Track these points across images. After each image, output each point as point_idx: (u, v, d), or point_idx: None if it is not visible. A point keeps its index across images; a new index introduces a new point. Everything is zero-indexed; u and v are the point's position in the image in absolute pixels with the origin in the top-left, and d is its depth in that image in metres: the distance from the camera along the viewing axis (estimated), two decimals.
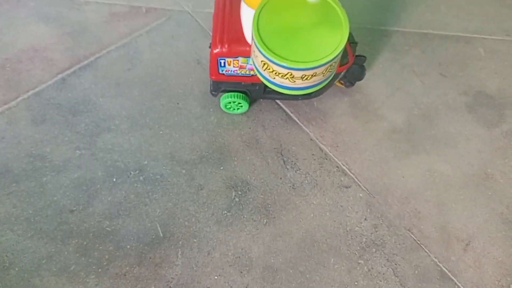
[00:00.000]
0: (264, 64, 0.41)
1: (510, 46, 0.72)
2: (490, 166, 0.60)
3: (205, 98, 0.63)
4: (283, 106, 0.63)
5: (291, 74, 0.41)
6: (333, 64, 0.42)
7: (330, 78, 0.45)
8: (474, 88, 0.67)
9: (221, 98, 0.60)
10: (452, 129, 0.63)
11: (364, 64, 0.62)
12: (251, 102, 0.61)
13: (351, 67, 0.59)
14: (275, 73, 0.42)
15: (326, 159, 0.59)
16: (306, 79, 0.42)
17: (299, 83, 0.43)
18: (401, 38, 0.71)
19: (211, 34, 0.65)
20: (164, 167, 0.57)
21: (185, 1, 0.72)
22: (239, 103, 0.60)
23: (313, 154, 0.60)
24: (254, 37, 0.41)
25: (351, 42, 0.58)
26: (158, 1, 0.72)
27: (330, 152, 0.60)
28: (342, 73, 0.59)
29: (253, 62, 0.45)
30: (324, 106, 0.63)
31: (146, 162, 0.58)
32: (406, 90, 0.66)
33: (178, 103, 0.63)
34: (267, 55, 0.40)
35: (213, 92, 0.60)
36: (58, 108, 0.61)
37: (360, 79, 0.63)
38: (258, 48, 0.40)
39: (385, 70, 0.67)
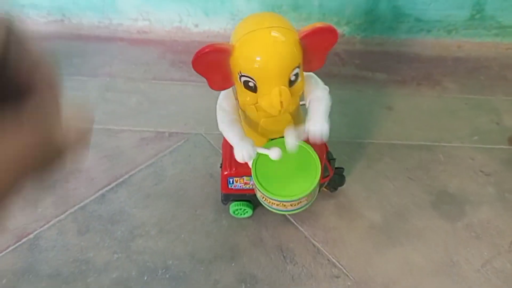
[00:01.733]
0: (263, 197, 0.57)
1: (465, 151, 0.87)
2: (455, 254, 0.71)
3: (218, 206, 0.76)
4: None
5: (283, 204, 0.56)
6: (313, 193, 0.57)
7: (313, 199, 0.60)
8: (437, 188, 0.81)
9: (230, 206, 0.73)
10: (421, 224, 0.75)
11: (344, 174, 0.78)
12: (254, 208, 0.75)
13: (333, 177, 0.75)
14: (271, 203, 0.57)
15: (319, 253, 0.72)
16: (295, 205, 0.57)
17: (289, 208, 0.58)
18: (373, 149, 0.87)
19: (221, 152, 0.82)
20: (186, 266, 0.69)
21: (199, 126, 0.90)
22: (245, 209, 0.74)
23: (307, 249, 0.72)
24: (253, 180, 0.56)
25: (330, 158, 0.74)
26: (178, 127, 0.90)
27: (321, 247, 0.72)
28: (326, 182, 0.74)
29: (256, 195, 0.61)
30: (315, 208, 0.77)
31: (171, 262, 0.70)
32: (381, 192, 0.80)
33: (196, 211, 0.77)
34: (264, 193, 0.55)
35: (224, 202, 0.75)
36: (99, 219, 0.75)
37: (341, 185, 0.78)
38: (257, 188, 0.56)
39: (362, 176, 0.82)
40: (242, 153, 0.53)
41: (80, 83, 0.99)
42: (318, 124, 0.54)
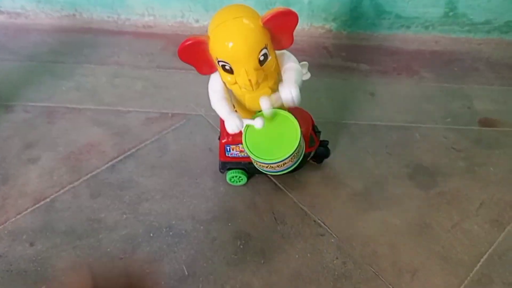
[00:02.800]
0: (255, 161, 0.67)
1: (439, 131, 0.96)
2: (427, 217, 0.80)
3: (216, 175, 0.85)
4: (273, 179, 0.85)
5: (270, 165, 0.66)
6: (295, 154, 0.66)
7: (299, 161, 0.69)
8: (413, 162, 0.90)
9: (227, 174, 0.82)
10: (398, 191, 0.84)
11: (328, 146, 0.87)
12: (249, 177, 0.83)
13: (319, 148, 0.83)
14: (262, 166, 0.67)
15: (306, 215, 0.80)
16: (281, 166, 0.66)
17: (277, 169, 0.67)
18: (357, 129, 0.96)
19: (219, 130, 0.91)
20: (187, 225, 0.77)
21: (199, 108, 0.99)
22: (240, 177, 0.82)
23: (296, 212, 0.80)
24: (244, 147, 0.66)
25: (316, 131, 0.83)
26: (180, 108, 0.99)
27: (308, 211, 0.81)
28: (312, 153, 0.83)
29: (252, 161, 0.70)
30: (303, 177, 0.85)
31: (174, 222, 0.78)
32: (362, 165, 0.88)
33: (196, 179, 0.85)
34: (254, 158, 0.65)
35: (221, 170, 0.83)
36: (109, 186, 0.83)
37: (326, 157, 0.86)
38: (248, 153, 0.65)
39: (346, 151, 0.91)
40: (232, 125, 0.63)
41: (90, 70, 1.08)
42: (287, 89, 0.62)
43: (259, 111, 0.69)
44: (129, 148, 0.90)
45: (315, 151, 0.83)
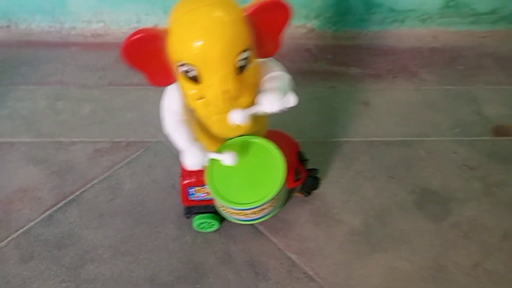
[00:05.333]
0: (221, 206, 0.50)
1: (446, 145, 0.81)
2: (442, 258, 0.65)
3: (180, 220, 0.68)
4: None
5: (243, 212, 0.49)
6: (276, 198, 0.50)
7: (281, 204, 0.53)
8: (420, 186, 0.75)
9: (193, 220, 0.66)
10: (405, 226, 0.69)
11: (318, 175, 0.71)
12: (222, 221, 0.68)
13: (306, 179, 0.68)
14: (229, 212, 0.50)
15: (294, 266, 0.64)
16: (257, 213, 0.50)
17: (252, 216, 0.50)
18: (351, 147, 0.80)
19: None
20: None
21: (160, 133, 0.82)
22: (211, 222, 0.66)
23: (281, 263, 0.65)
24: (210, 188, 0.49)
25: (303, 159, 0.67)
26: (136, 135, 0.82)
27: (297, 259, 0.65)
28: (298, 187, 0.67)
29: (215, 203, 0.53)
30: (288, 216, 0.70)
31: None
32: (360, 194, 0.73)
33: (156, 227, 0.68)
34: (219, 200, 0.48)
35: (187, 216, 0.67)
36: (45, 244, 0.66)
37: (315, 188, 0.71)
38: (213, 195, 0.48)
39: (340, 177, 0.76)
40: (191, 159, 0.46)
41: (27, 93, 0.90)
42: (268, 102, 0.47)
43: (229, 139, 0.53)
44: (72, 191, 0.73)
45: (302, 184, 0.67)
